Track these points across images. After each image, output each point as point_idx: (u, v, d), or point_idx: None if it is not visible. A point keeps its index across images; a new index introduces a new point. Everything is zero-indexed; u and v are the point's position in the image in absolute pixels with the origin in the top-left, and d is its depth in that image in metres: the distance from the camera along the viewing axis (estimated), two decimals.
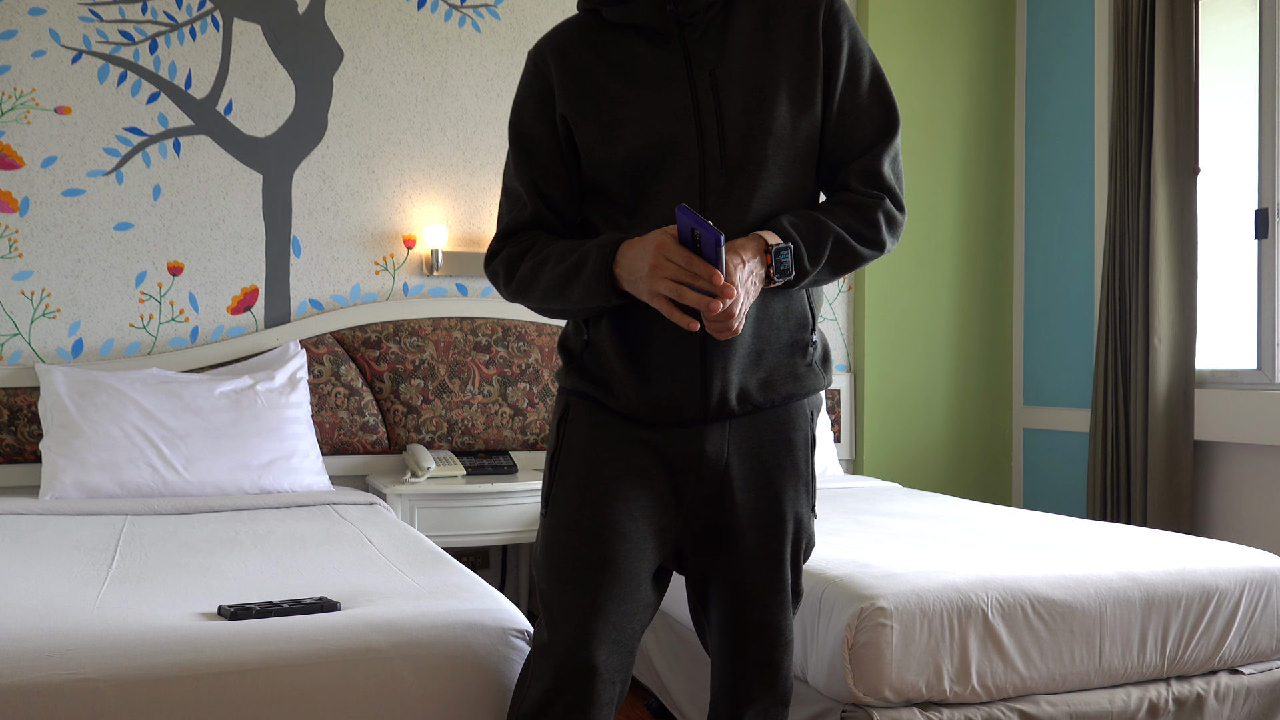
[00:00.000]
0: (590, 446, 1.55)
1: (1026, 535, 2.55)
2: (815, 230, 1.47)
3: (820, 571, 2.12)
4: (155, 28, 3.47)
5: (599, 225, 1.55)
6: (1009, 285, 4.39)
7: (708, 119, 1.48)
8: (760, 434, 1.55)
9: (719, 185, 1.47)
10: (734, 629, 1.59)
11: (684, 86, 1.49)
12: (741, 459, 1.55)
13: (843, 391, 4.20)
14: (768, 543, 1.56)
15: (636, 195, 1.50)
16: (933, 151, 4.28)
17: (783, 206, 1.50)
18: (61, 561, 2.19)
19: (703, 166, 1.47)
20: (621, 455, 1.53)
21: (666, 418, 1.52)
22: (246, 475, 3.15)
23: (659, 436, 1.53)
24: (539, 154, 1.56)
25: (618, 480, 1.52)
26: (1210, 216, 3.58)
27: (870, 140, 1.53)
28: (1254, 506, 3.32)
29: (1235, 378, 3.42)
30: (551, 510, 1.56)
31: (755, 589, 1.57)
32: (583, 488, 1.53)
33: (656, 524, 1.54)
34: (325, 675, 1.60)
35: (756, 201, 1.48)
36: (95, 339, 3.42)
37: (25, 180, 3.36)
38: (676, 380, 1.50)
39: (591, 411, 1.56)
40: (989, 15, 4.35)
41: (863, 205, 1.52)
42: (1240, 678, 2.25)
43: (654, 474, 1.53)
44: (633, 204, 1.51)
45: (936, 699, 2.00)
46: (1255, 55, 3.43)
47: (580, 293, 1.46)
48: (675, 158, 1.48)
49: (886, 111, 1.54)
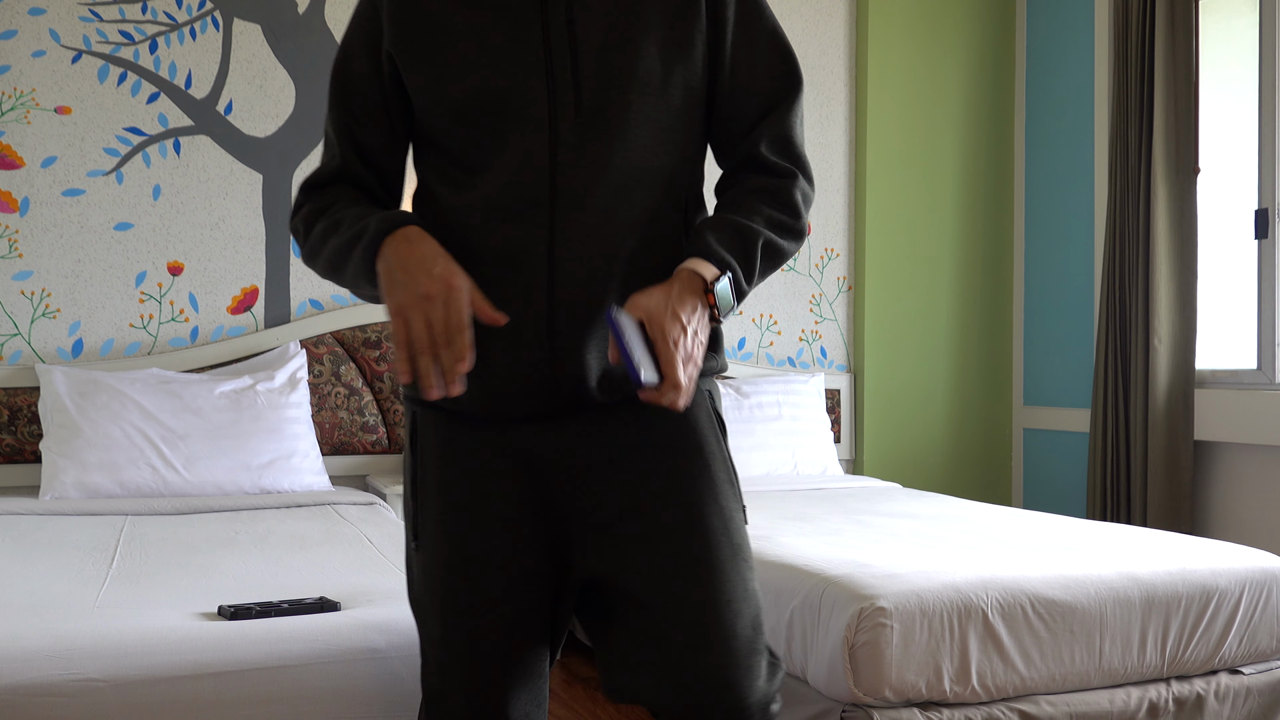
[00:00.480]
0: (444, 467, 1.32)
1: (1026, 535, 2.55)
2: (743, 242, 1.26)
3: (820, 571, 2.12)
4: (155, 28, 3.47)
5: (436, 187, 1.31)
6: (1009, 285, 4.39)
7: (560, 59, 1.26)
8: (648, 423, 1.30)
9: (572, 136, 1.25)
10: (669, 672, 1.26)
11: (535, 21, 1.27)
12: (629, 456, 1.30)
13: (843, 391, 4.20)
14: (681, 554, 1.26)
15: (477, 149, 1.27)
16: (933, 151, 4.28)
17: (651, 164, 1.28)
18: (61, 561, 2.19)
19: (553, 114, 1.25)
20: (479, 470, 1.30)
21: (515, 412, 1.28)
22: (246, 475, 3.15)
23: (516, 437, 1.30)
24: (357, 94, 1.33)
25: (483, 501, 1.29)
26: (1210, 216, 3.58)
27: (772, 97, 1.34)
28: (1254, 506, 3.32)
29: (1235, 378, 3.43)
30: (422, 544, 1.33)
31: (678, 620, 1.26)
32: (446, 518, 1.31)
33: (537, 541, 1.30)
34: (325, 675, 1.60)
35: (617, 155, 1.26)
36: (95, 339, 3.42)
37: (25, 180, 3.36)
38: (519, 365, 1.26)
39: (438, 422, 1.33)
40: (989, 15, 4.35)
41: (779, 190, 1.32)
42: (1240, 678, 2.25)
43: (521, 484, 1.30)
44: (473, 160, 1.28)
45: (936, 699, 2.00)
46: (1255, 55, 3.43)
47: (352, 274, 1.24)
48: (521, 103, 1.26)
49: (788, 64, 1.35)
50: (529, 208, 1.25)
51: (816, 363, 4.23)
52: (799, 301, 4.20)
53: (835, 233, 4.26)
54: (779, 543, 2.43)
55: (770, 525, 2.72)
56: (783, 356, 4.18)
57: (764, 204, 1.31)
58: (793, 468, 3.81)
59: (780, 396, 3.88)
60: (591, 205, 1.25)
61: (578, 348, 1.26)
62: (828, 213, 4.25)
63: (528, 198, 1.25)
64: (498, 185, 1.26)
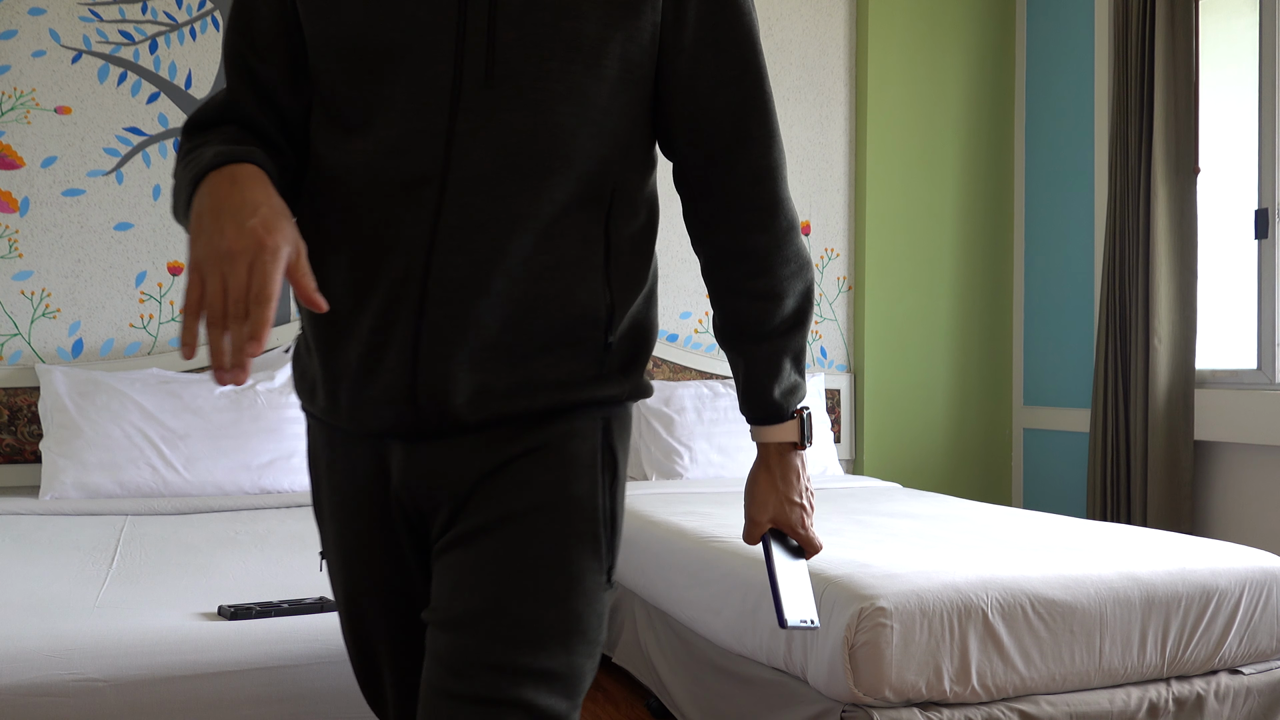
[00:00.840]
0: (322, 480, 1.18)
1: (1026, 535, 2.55)
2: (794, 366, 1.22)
3: (820, 571, 2.12)
4: (155, 28, 3.47)
5: (318, 148, 1.10)
6: (1009, 285, 4.39)
7: (476, 12, 1.04)
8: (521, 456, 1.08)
9: (478, 102, 1.03)
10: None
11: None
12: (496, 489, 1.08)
13: (843, 391, 4.20)
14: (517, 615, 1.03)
15: (361, 103, 1.06)
16: (933, 151, 4.28)
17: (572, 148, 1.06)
18: (61, 561, 2.19)
19: (457, 71, 1.03)
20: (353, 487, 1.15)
21: (377, 426, 1.09)
22: (246, 475, 3.15)
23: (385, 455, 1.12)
24: (257, 19, 1.11)
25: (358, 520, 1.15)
26: (1210, 216, 3.58)
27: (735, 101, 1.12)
28: (1254, 506, 3.32)
29: (1235, 378, 3.43)
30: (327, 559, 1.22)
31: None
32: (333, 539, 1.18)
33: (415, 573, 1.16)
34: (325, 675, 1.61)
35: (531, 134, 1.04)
36: (95, 339, 3.42)
37: (25, 180, 3.36)
38: (377, 374, 1.06)
39: (320, 433, 1.18)
40: (989, 15, 4.35)
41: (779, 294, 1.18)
42: (1240, 678, 2.25)
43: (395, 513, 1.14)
44: (356, 116, 1.06)
45: (936, 699, 2.00)
46: (1255, 55, 3.43)
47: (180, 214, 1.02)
48: (418, 52, 1.04)
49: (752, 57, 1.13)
50: (415, 184, 1.04)
51: (816, 363, 4.24)
52: None
53: (835, 233, 4.26)
54: None
55: None
56: None
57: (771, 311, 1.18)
58: None
59: None
60: (489, 190, 1.04)
61: (445, 361, 1.05)
62: (828, 213, 4.25)
63: (414, 171, 1.04)
64: (382, 150, 1.05)
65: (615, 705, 2.91)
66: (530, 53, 1.03)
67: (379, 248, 1.05)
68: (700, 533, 2.63)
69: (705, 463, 3.71)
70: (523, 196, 1.04)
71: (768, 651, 2.17)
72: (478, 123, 1.03)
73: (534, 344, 1.07)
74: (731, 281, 1.18)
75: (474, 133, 1.03)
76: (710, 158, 1.14)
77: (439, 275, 1.04)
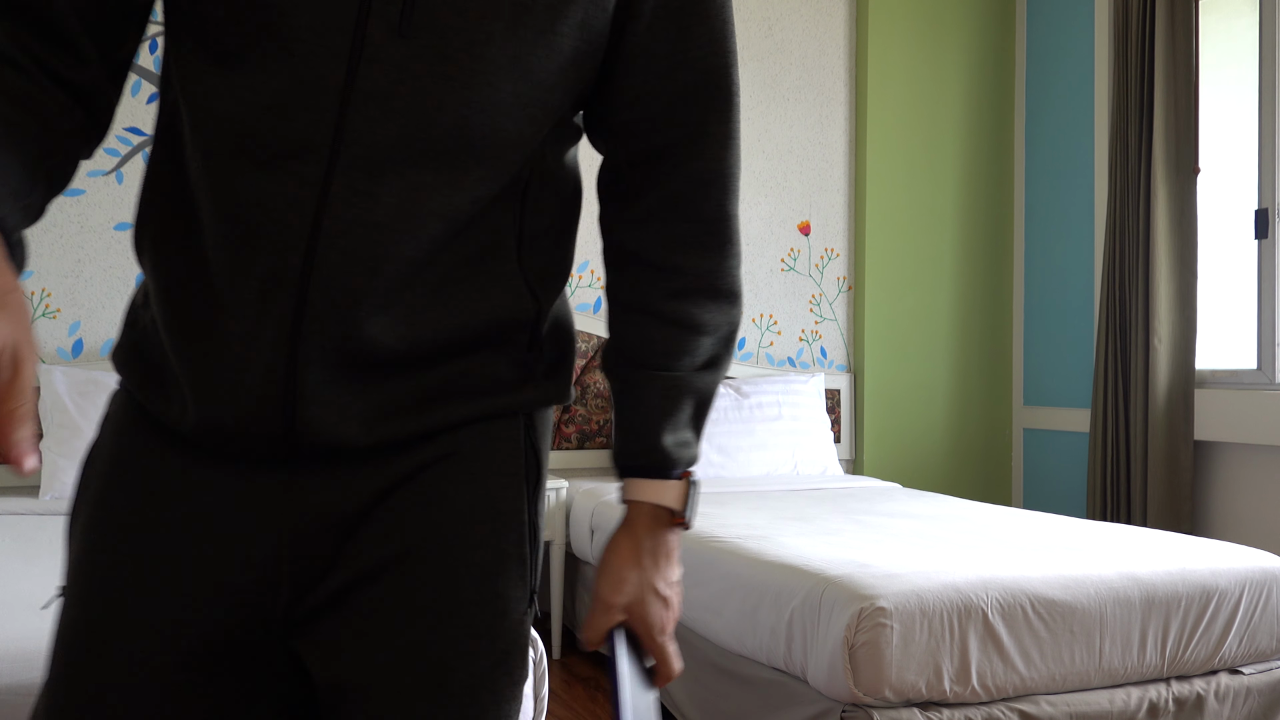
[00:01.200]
0: (109, 474, 0.88)
1: (1026, 535, 2.55)
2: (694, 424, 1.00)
3: (820, 571, 2.12)
4: (155, 28, 3.47)
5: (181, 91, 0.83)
6: (1009, 285, 4.39)
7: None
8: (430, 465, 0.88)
9: (392, 54, 0.79)
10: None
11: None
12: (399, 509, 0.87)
13: (843, 391, 4.20)
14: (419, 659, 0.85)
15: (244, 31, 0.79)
16: (933, 151, 4.28)
17: (505, 130, 0.83)
18: (61, 561, 2.19)
19: (365, 11, 0.79)
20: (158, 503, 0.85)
21: (233, 446, 0.84)
22: None
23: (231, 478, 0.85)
24: None
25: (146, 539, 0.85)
26: (1210, 216, 3.59)
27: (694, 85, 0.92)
28: (1254, 506, 3.32)
29: (1235, 378, 3.43)
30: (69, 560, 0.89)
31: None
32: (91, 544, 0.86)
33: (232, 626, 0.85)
34: None
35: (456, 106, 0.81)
36: (95, 339, 3.42)
37: None
38: (246, 382, 0.82)
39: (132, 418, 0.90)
40: (989, 15, 4.35)
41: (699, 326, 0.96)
42: (1240, 678, 2.25)
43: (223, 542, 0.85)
44: (236, 46, 0.80)
45: (936, 699, 2.00)
46: (1255, 55, 3.43)
47: None
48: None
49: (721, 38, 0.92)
50: (294, 153, 0.80)
51: (816, 363, 4.24)
52: (799, 301, 4.20)
53: (835, 233, 4.26)
54: (779, 543, 2.44)
55: (770, 525, 2.72)
56: (783, 356, 4.18)
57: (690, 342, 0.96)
58: (793, 468, 3.82)
59: (780, 397, 3.89)
60: (392, 167, 0.81)
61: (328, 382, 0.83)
62: (828, 213, 4.25)
63: (295, 137, 0.79)
64: (259, 102, 0.79)
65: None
66: (468, 4, 0.80)
67: (247, 233, 0.80)
68: (700, 533, 2.64)
69: (705, 462, 3.72)
70: (437, 190, 0.82)
71: (768, 651, 2.17)
72: (384, 83, 0.79)
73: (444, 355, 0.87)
74: (646, 299, 0.95)
75: (378, 96, 0.79)
76: (653, 154, 0.93)
77: (322, 283, 0.81)
